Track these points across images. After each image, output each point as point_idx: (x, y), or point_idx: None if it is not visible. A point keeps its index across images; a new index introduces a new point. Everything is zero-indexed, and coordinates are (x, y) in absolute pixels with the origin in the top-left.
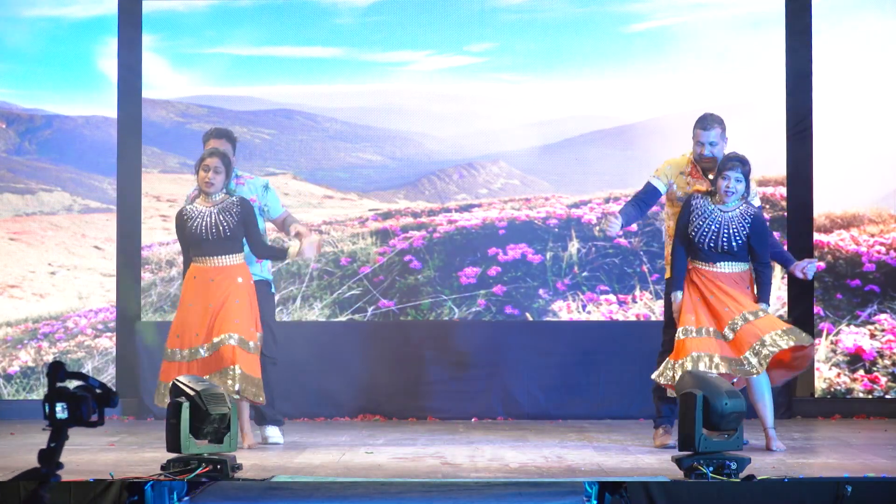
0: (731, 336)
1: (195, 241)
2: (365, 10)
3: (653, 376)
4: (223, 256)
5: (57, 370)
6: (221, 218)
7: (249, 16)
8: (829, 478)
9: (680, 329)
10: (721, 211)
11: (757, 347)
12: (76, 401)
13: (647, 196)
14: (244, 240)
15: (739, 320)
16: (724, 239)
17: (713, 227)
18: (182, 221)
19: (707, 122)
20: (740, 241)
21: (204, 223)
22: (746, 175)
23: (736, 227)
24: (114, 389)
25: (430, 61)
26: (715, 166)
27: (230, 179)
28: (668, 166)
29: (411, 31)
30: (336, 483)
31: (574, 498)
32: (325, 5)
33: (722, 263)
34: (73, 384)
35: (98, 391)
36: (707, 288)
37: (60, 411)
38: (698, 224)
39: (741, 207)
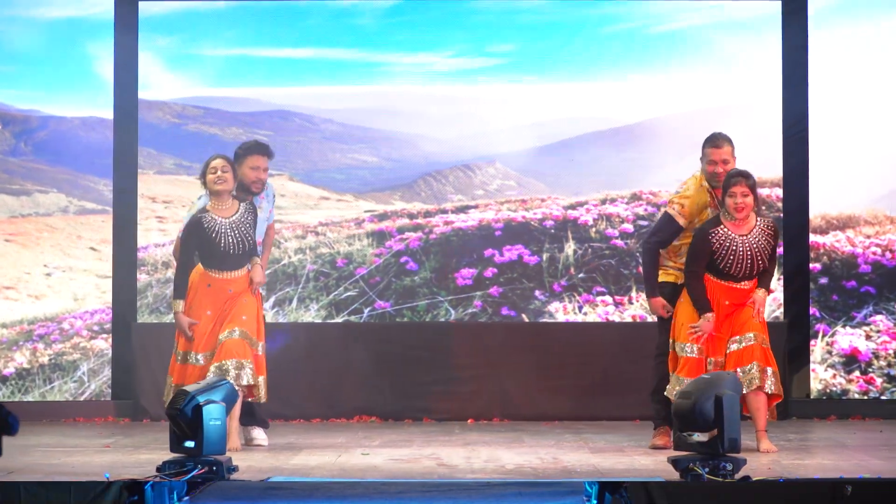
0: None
1: (218, 255)
2: (361, 12)
3: (666, 392)
4: (241, 269)
5: None
6: (243, 232)
7: (246, 17)
8: (829, 478)
9: (686, 345)
10: (742, 237)
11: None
12: None
13: (672, 236)
14: None
15: (735, 343)
16: (759, 262)
17: (746, 257)
18: (200, 230)
19: (718, 140)
20: (768, 257)
21: (230, 240)
22: (753, 188)
23: (763, 248)
24: (11, 413)
25: (426, 63)
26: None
27: (237, 181)
28: (691, 204)
29: (408, 32)
30: (336, 483)
31: (574, 498)
32: (322, 7)
33: (745, 281)
34: None
35: None
36: (721, 309)
37: None
38: (729, 259)
39: (759, 224)
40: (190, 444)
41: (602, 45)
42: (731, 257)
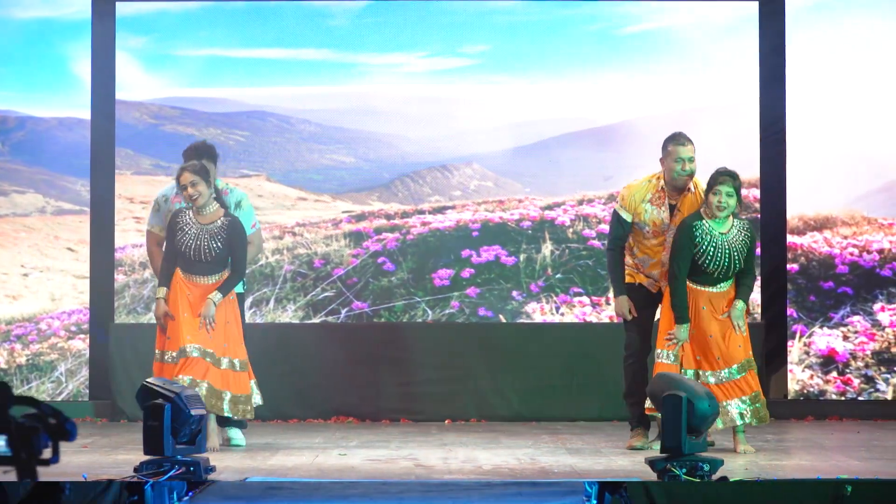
0: (713, 381)
1: (182, 256)
2: (339, 12)
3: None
4: (208, 276)
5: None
6: (209, 244)
7: (223, 17)
8: (828, 478)
9: (663, 352)
10: (722, 234)
11: (742, 404)
12: (24, 433)
13: (625, 231)
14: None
15: (727, 374)
16: (736, 262)
17: (724, 254)
18: (174, 225)
19: (683, 138)
20: (744, 258)
21: (194, 244)
22: (738, 189)
23: (740, 249)
24: (70, 419)
25: (403, 63)
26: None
27: (212, 186)
28: (630, 195)
29: (385, 33)
30: (336, 483)
31: (574, 498)
32: (300, 7)
33: (723, 284)
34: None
35: (51, 420)
36: (701, 320)
37: (2, 446)
38: (709, 252)
39: (735, 224)
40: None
41: (579, 45)
42: (711, 251)
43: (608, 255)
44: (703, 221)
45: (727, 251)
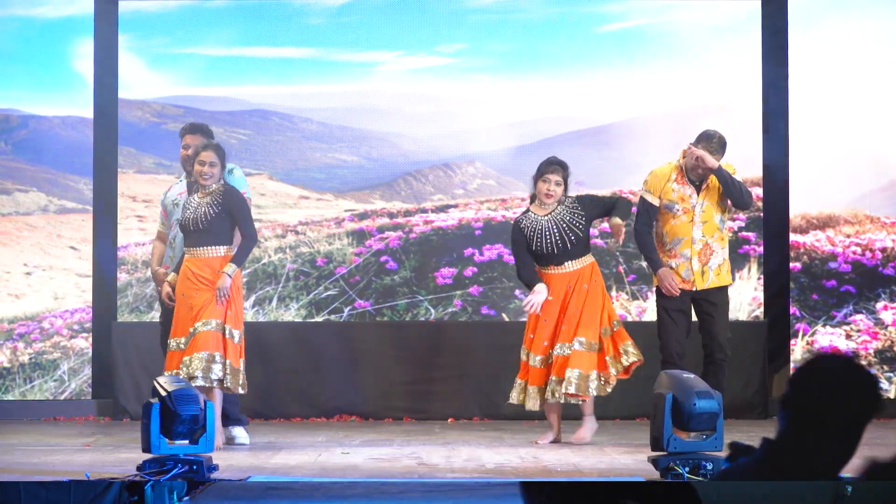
0: (558, 352)
1: (184, 233)
2: (341, 10)
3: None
4: (206, 248)
5: None
6: (204, 210)
7: (226, 16)
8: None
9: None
10: (546, 217)
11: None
12: None
13: (650, 215)
14: (232, 232)
15: (567, 348)
16: (568, 235)
17: (550, 232)
18: (176, 208)
19: (702, 138)
20: (580, 231)
21: (192, 215)
22: (566, 179)
23: (571, 222)
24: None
25: (406, 62)
26: (704, 176)
27: (225, 171)
28: (655, 178)
29: (388, 31)
30: (337, 483)
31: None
32: (302, 5)
33: (568, 263)
34: None
35: None
36: (557, 302)
37: None
38: (538, 239)
39: (562, 204)
40: (184, 441)
41: (584, 43)
42: (539, 236)
43: (637, 236)
44: (528, 213)
45: (554, 229)
